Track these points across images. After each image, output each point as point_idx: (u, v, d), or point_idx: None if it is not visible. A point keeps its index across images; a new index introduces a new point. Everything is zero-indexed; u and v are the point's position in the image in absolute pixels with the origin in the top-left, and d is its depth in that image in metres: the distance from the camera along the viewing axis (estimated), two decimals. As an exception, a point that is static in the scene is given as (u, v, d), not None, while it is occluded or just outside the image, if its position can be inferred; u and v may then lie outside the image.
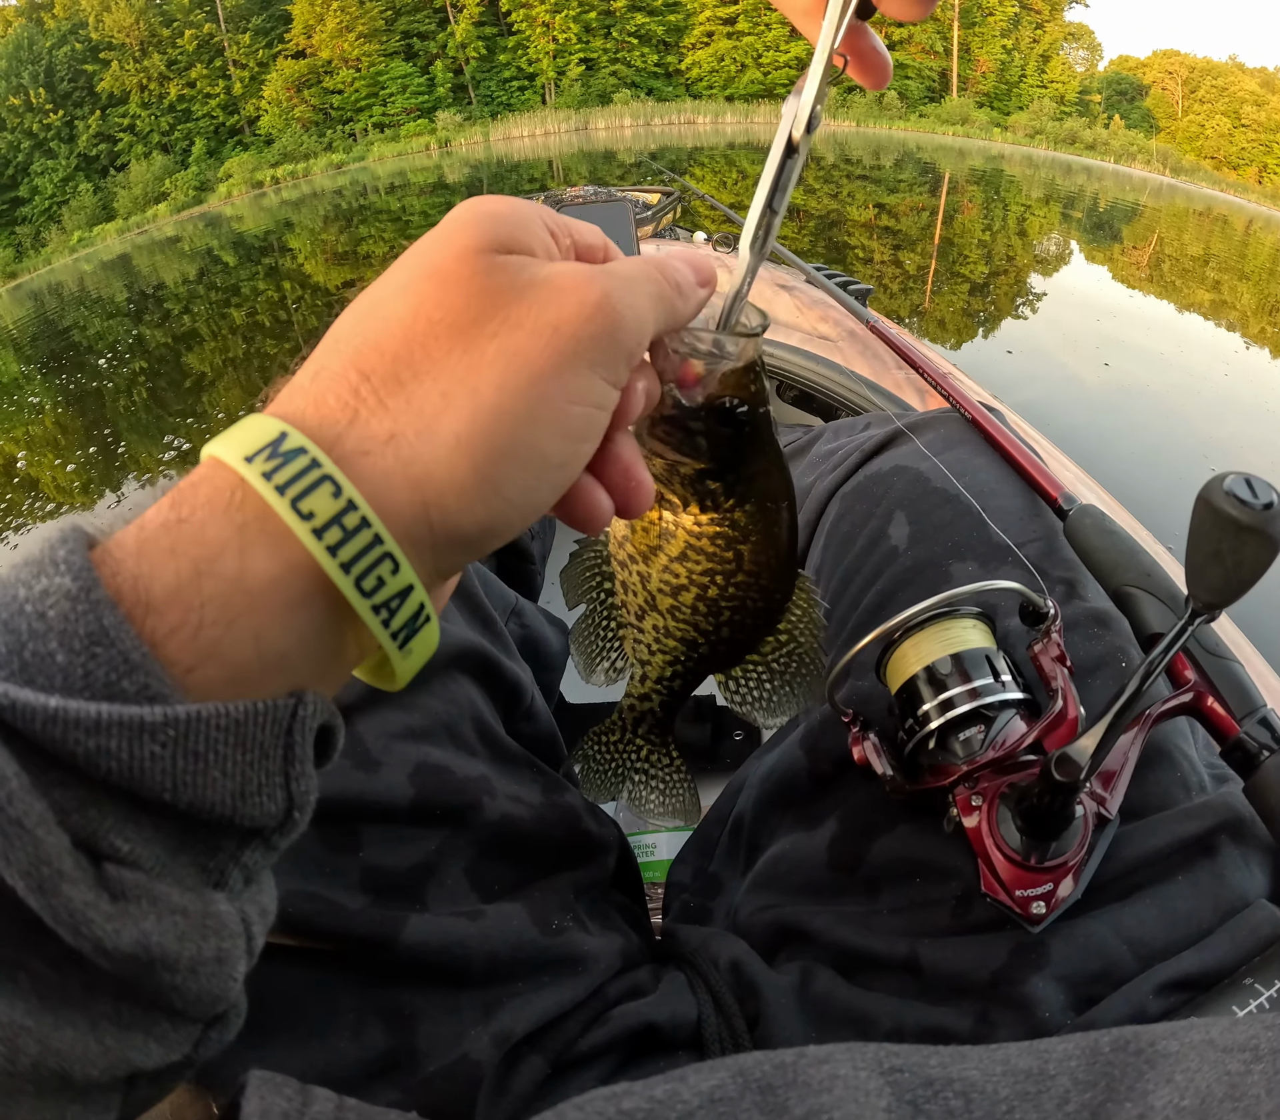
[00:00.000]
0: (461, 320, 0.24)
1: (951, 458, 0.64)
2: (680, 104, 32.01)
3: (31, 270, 21.79)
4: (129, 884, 0.20)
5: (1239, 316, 5.63)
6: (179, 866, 0.21)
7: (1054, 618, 0.48)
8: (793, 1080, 0.28)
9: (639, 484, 0.30)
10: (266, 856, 0.23)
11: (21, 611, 0.20)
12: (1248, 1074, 0.27)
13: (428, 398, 0.23)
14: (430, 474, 0.23)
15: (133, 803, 0.20)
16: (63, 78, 32.72)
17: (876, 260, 6.42)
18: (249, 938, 0.22)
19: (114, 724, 0.19)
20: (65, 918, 0.18)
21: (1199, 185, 22.56)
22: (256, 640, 0.21)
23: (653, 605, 0.42)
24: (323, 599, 0.22)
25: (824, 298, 1.41)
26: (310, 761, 0.23)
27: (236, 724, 0.20)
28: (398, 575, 0.23)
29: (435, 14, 34.39)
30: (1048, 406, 3.34)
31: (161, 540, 0.21)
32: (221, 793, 0.20)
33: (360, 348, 0.24)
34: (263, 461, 0.21)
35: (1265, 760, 0.43)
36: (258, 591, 0.21)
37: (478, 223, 0.26)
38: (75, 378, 5.49)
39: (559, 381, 0.24)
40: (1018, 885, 0.41)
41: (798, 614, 0.44)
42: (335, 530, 0.21)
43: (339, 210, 14.84)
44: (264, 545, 0.21)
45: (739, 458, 0.36)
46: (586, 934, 0.49)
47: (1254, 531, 0.34)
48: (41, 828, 0.18)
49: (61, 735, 0.18)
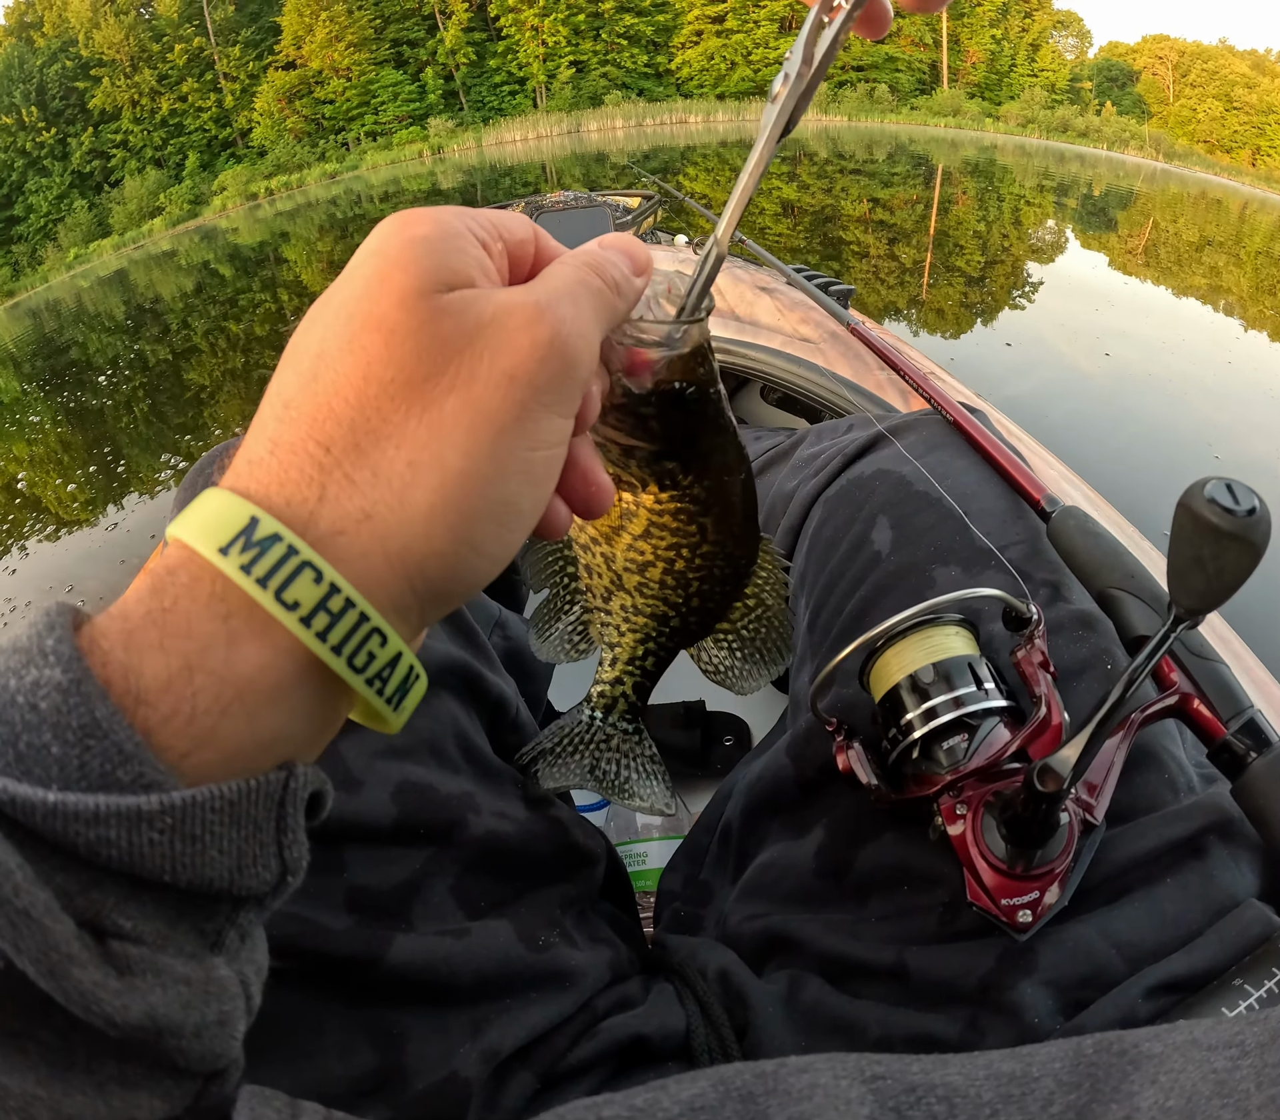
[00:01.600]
0: (414, 378, 0.23)
1: (933, 460, 0.64)
2: (672, 104, 32.04)
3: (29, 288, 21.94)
4: (134, 959, 0.20)
5: (1237, 300, 5.60)
6: (179, 935, 0.21)
7: (1037, 623, 0.47)
8: (773, 1088, 0.28)
9: (599, 487, 0.30)
10: (260, 916, 0.24)
11: (14, 703, 0.20)
12: (1235, 1070, 0.27)
13: (394, 468, 0.23)
14: (409, 547, 0.23)
15: (133, 883, 0.20)
16: (54, 95, 32.94)
17: (872, 254, 6.40)
18: (248, 997, 0.23)
19: (112, 815, 0.19)
20: (76, 998, 0.19)
21: (1193, 170, 22.49)
22: (251, 724, 0.22)
23: (619, 585, 0.42)
24: (314, 678, 0.23)
25: (805, 299, 1.41)
26: (302, 828, 0.23)
27: (231, 805, 0.21)
28: (386, 647, 0.23)
29: (424, 21, 34.50)
30: (1049, 399, 3.32)
31: (149, 632, 0.21)
32: (219, 870, 0.21)
33: (314, 416, 0.23)
34: (238, 553, 0.21)
35: (1252, 762, 0.43)
36: (248, 679, 0.21)
37: (412, 257, 0.25)
38: (75, 395, 5.51)
39: (520, 432, 0.24)
40: (1003, 894, 0.41)
41: (763, 577, 0.44)
42: (322, 616, 0.22)
43: (334, 220, 14.90)
44: (251, 635, 0.22)
45: (693, 437, 0.36)
46: (574, 949, 0.49)
47: (1235, 538, 0.34)
48: (48, 917, 0.19)
49: (62, 828, 0.19)
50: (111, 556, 2.81)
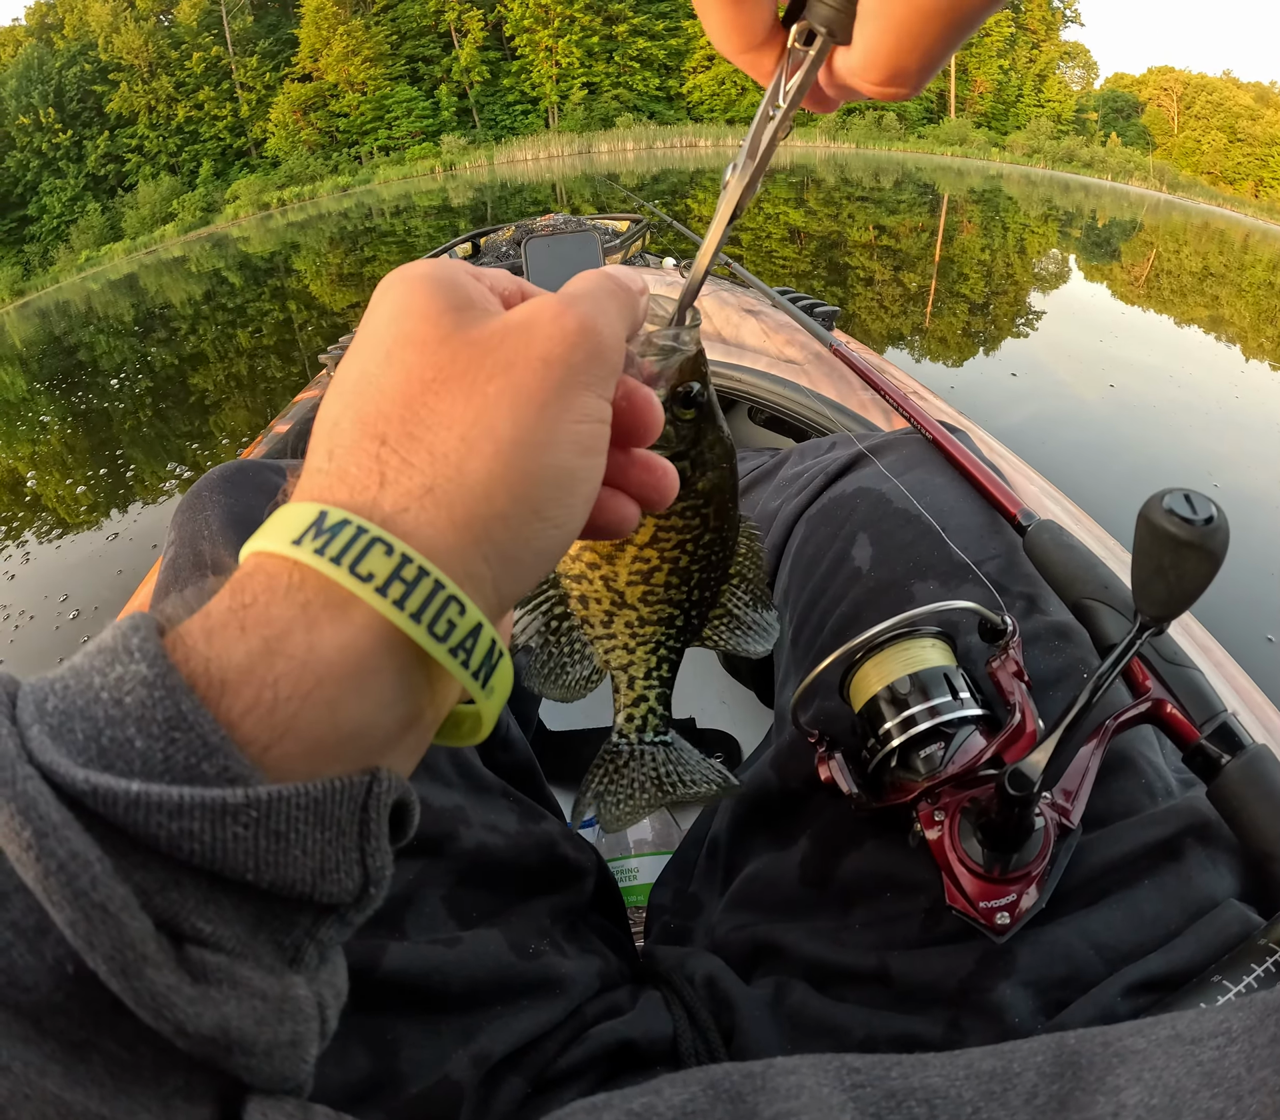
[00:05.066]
0: (454, 373, 0.25)
1: (913, 478, 0.65)
2: (682, 127, 32.34)
3: (39, 288, 21.99)
4: (211, 967, 0.20)
5: (1239, 332, 5.65)
6: (258, 945, 0.21)
7: (1012, 634, 0.49)
8: (761, 1087, 0.29)
9: (664, 471, 0.31)
10: (341, 932, 0.23)
11: (98, 699, 0.20)
12: (1223, 1058, 0.27)
13: (448, 445, 0.24)
14: (474, 513, 0.24)
15: (213, 883, 0.20)
16: (72, 98, 33.16)
17: (877, 280, 6.46)
18: (323, 1021, 0.23)
19: (196, 807, 0.19)
20: (148, 1001, 0.18)
21: (1196, 201, 22.71)
22: (332, 712, 0.21)
23: (622, 603, 0.42)
24: (395, 660, 0.23)
25: (790, 321, 1.43)
26: (385, 838, 0.23)
27: (316, 803, 0.21)
28: (465, 616, 0.23)
29: (440, 39, 34.89)
30: (1050, 426, 3.35)
31: (229, 623, 0.22)
32: (302, 871, 0.21)
33: (364, 420, 0.25)
34: (310, 541, 0.22)
35: (1226, 764, 0.44)
36: (329, 662, 0.21)
37: (425, 287, 0.26)
38: (84, 397, 5.52)
39: (563, 406, 0.25)
40: (981, 897, 0.42)
41: (743, 552, 0.44)
42: (398, 585, 0.22)
43: (344, 232, 14.96)
44: (329, 616, 0.22)
45: (701, 433, 0.38)
46: (563, 957, 0.49)
47: (1193, 547, 0.36)
48: (125, 913, 0.18)
49: (144, 819, 0.19)
50: (109, 567, 2.79)
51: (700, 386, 0.36)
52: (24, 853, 0.18)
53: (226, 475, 0.56)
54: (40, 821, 0.18)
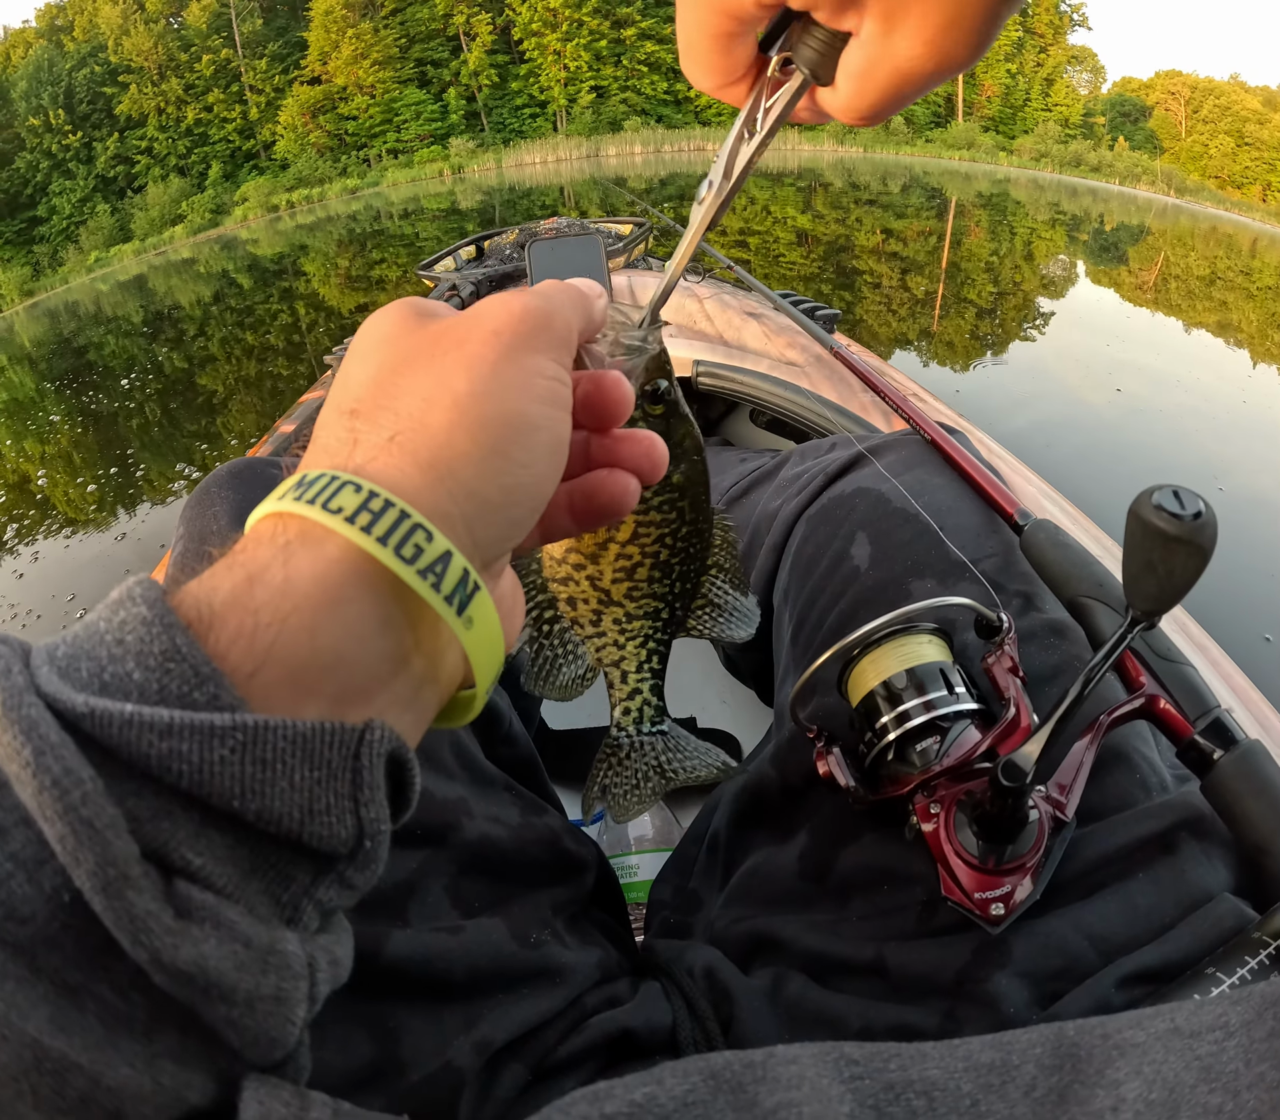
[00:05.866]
0: (417, 355, 0.28)
1: (911, 478, 0.66)
2: (690, 131, 32.37)
3: (48, 289, 22.11)
4: (196, 903, 0.20)
5: (1247, 336, 5.64)
6: (252, 893, 0.21)
7: (1007, 631, 0.49)
8: (762, 1076, 0.29)
9: (650, 440, 0.34)
10: (342, 894, 0.24)
11: (102, 641, 0.22)
12: (1221, 1053, 0.27)
13: (412, 404, 0.26)
14: (436, 454, 0.25)
15: (204, 818, 0.21)
16: (82, 99, 33.32)
17: (885, 284, 6.47)
18: (312, 983, 0.23)
19: (185, 727, 0.20)
20: (125, 923, 0.19)
21: (1204, 205, 22.65)
22: (311, 638, 0.23)
23: (608, 600, 0.43)
24: (370, 590, 0.24)
25: (792, 324, 1.44)
26: (381, 790, 0.23)
27: (303, 738, 0.21)
28: (433, 542, 0.24)
29: (449, 42, 35.02)
30: (1055, 430, 3.35)
31: (219, 568, 0.24)
32: (289, 805, 0.21)
33: (342, 405, 0.27)
34: (292, 495, 0.25)
35: (1219, 759, 0.44)
36: (305, 591, 0.23)
37: (395, 307, 0.30)
38: (93, 397, 5.55)
39: (516, 363, 0.28)
40: (976, 888, 0.42)
41: (718, 542, 0.45)
42: (364, 514, 0.24)
43: (353, 235, 15.00)
44: (305, 549, 0.24)
45: (671, 429, 0.40)
46: (564, 948, 0.50)
47: (1182, 541, 0.36)
48: (111, 830, 0.19)
49: (136, 738, 0.20)
50: (117, 566, 2.80)
51: (667, 384, 0.39)
52: (22, 770, 0.19)
53: (235, 472, 0.58)
54: (40, 741, 0.19)
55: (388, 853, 0.24)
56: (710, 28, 0.29)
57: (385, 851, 0.24)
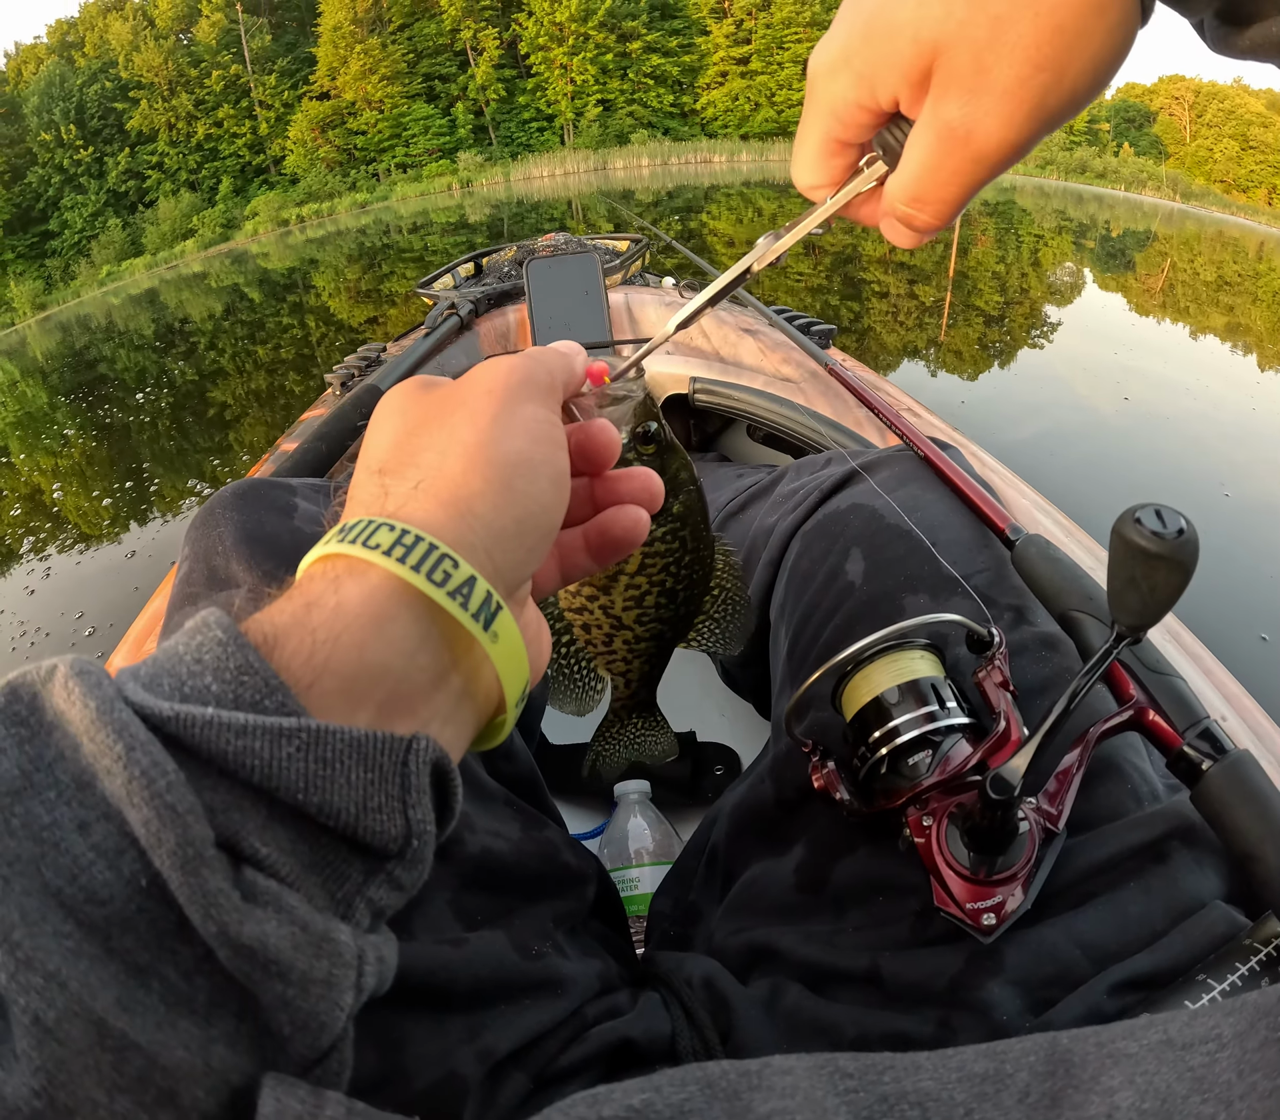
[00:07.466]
0: (428, 416, 0.32)
1: (904, 494, 0.67)
2: (696, 143, 32.53)
3: (60, 302, 22.34)
4: (261, 889, 0.22)
5: (1255, 342, 5.62)
6: (310, 887, 0.24)
7: (998, 646, 0.50)
8: (757, 1085, 0.30)
9: (645, 474, 0.38)
10: (391, 895, 0.26)
11: (181, 660, 0.25)
12: (1213, 1064, 0.27)
13: (430, 457, 0.31)
14: (455, 494, 0.30)
15: (271, 810, 0.24)
16: (93, 114, 33.69)
17: (892, 293, 6.48)
18: (360, 974, 0.25)
19: (257, 727, 0.23)
20: (199, 898, 0.21)
21: (1210, 209, 22.62)
22: (360, 652, 0.26)
23: (619, 625, 0.48)
24: (409, 610, 0.28)
25: (787, 340, 1.45)
26: (427, 795, 0.26)
27: (358, 742, 0.24)
28: (459, 569, 0.28)
29: (456, 57, 35.36)
30: (1063, 438, 3.35)
31: (279, 600, 0.28)
32: (346, 800, 0.24)
33: (368, 465, 0.32)
34: (336, 538, 0.29)
35: (1208, 769, 0.45)
36: (354, 612, 0.27)
37: (408, 380, 0.35)
38: (107, 410, 5.57)
39: (511, 412, 0.32)
40: (968, 898, 0.43)
41: (720, 567, 0.49)
42: (399, 548, 0.28)
43: (363, 249, 15.08)
44: (352, 580, 0.28)
45: (666, 464, 0.44)
46: (565, 959, 0.51)
47: (1164, 559, 0.37)
48: (191, 815, 0.22)
49: (215, 736, 0.23)
50: (126, 583, 2.80)
51: (657, 425, 0.43)
52: (114, 764, 0.22)
53: (239, 493, 0.59)
54: (130, 738, 0.22)
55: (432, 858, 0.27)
56: (827, 131, 0.35)
57: (430, 854, 0.27)
